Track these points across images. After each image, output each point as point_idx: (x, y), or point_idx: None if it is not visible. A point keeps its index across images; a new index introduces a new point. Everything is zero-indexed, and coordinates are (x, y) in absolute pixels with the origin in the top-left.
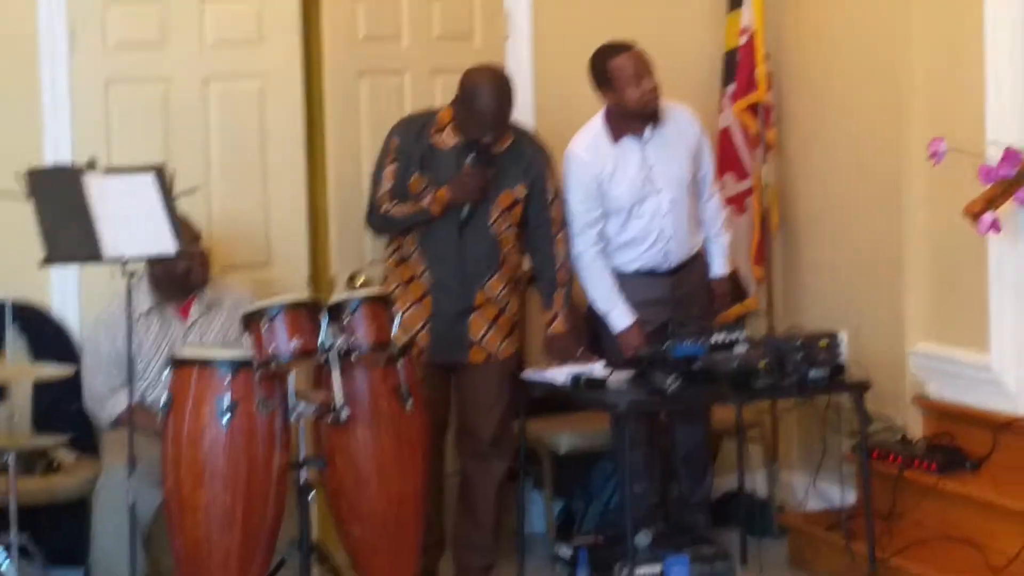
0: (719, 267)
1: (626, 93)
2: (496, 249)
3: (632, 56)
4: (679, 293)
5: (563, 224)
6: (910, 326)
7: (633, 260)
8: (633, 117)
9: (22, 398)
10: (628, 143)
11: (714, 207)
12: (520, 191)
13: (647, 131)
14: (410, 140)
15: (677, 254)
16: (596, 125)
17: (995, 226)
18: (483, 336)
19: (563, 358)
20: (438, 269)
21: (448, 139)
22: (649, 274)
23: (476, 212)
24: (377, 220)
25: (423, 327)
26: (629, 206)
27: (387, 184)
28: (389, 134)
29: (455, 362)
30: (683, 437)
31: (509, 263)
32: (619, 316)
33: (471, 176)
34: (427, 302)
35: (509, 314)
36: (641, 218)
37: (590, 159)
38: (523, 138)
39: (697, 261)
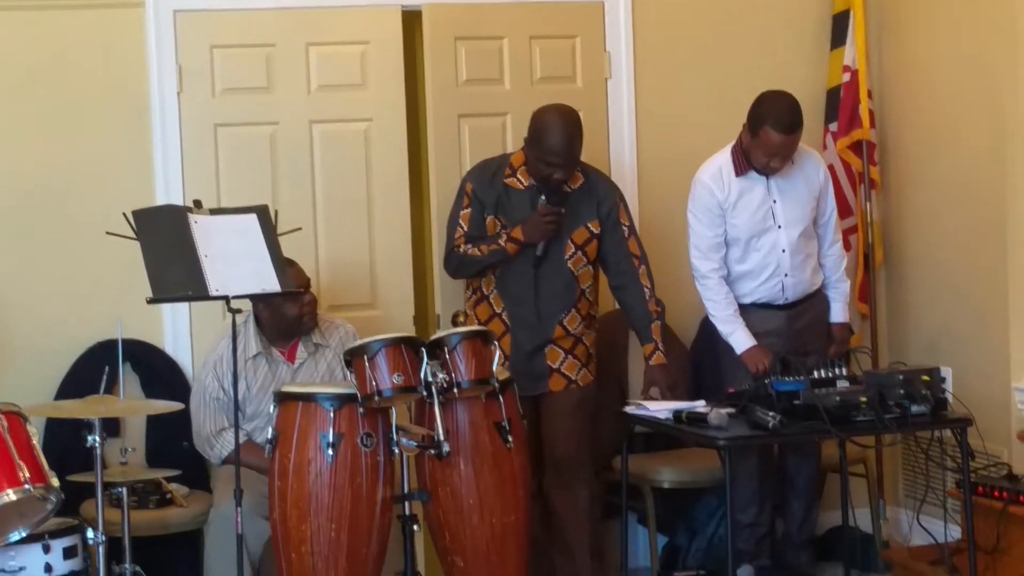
0: (839, 314)
1: (755, 154)
2: (572, 286)
3: (789, 140)
4: (796, 327)
5: (643, 258)
6: (1016, 362)
7: (750, 292)
8: None
9: (136, 433)
10: (753, 177)
11: (836, 253)
12: (594, 227)
13: None
14: (484, 184)
15: (794, 290)
16: (724, 156)
17: None
18: (560, 364)
19: (665, 389)
20: (516, 307)
21: (521, 180)
22: (765, 307)
23: (551, 250)
24: (454, 263)
25: (503, 365)
26: (747, 238)
27: (462, 228)
28: (463, 180)
29: (537, 394)
30: (795, 469)
31: (586, 300)
32: (741, 338)
33: (544, 215)
34: (506, 340)
35: (585, 346)
36: (759, 251)
37: (715, 186)
38: (593, 176)
39: (815, 299)
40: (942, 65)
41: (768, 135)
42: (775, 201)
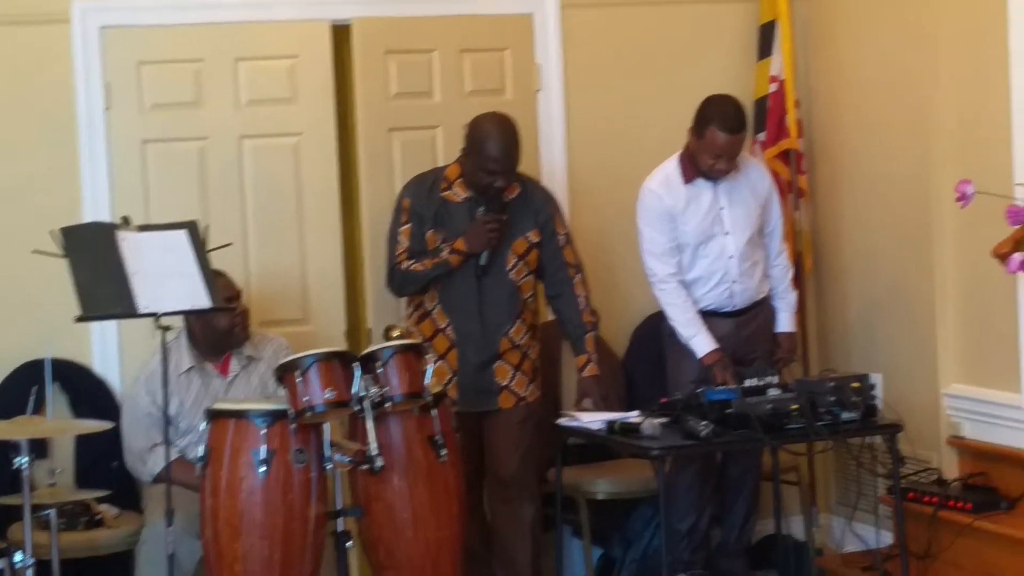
0: (786, 324)
1: (701, 157)
2: (516, 296)
3: (734, 140)
4: (744, 334)
5: (579, 266)
6: (943, 367)
7: (699, 299)
8: None
9: (64, 454)
10: (700, 184)
11: (783, 264)
12: (533, 236)
13: None
14: (421, 199)
15: (742, 297)
16: (671, 164)
17: (1023, 267)
18: (510, 381)
19: (599, 400)
20: (460, 321)
21: (459, 193)
22: (713, 314)
23: (493, 261)
24: (397, 279)
25: (450, 380)
26: (695, 244)
27: (403, 244)
28: (400, 195)
29: (485, 410)
30: (738, 477)
31: (529, 310)
32: (702, 341)
33: (484, 224)
34: (452, 355)
35: (531, 360)
36: (707, 257)
37: (664, 193)
38: (530, 185)
39: (762, 306)
40: (867, 74)
41: (714, 135)
42: (722, 207)
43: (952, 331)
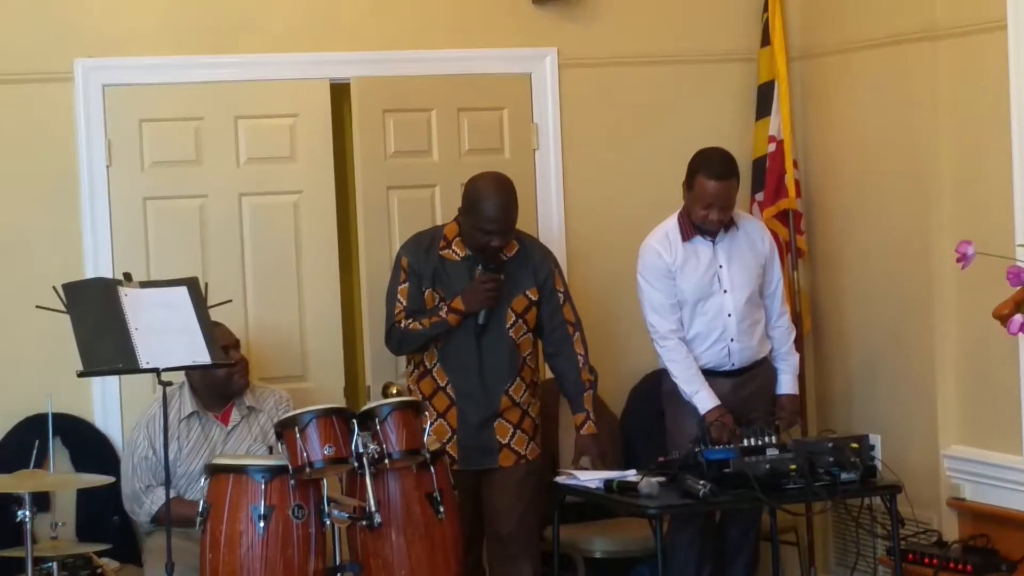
0: (788, 386)
1: (694, 208)
2: (515, 354)
3: (722, 188)
4: (742, 394)
5: (578, 324)
6: (943, 429)
7: (697, 358)
8: None
9: (66, 507)
10: (699, 242)
11: (784, 325)
12: (532, 294)
13: (720, 233)
14: (419, 257)
15: (740, 356)
16: (671, 222)
17: None
18: (510, 439)
19: (596, 458)
20: (460, 379)
21: (457, 252)
22: (711, 373)
23: (492, 319)
24: (396, 338)
25: (450, 438)
26: (694, 301)
27: (401, 303)
28: (398, 254)
29: (485, 468)
30: (737, 537)
31: (528, 367)
32: (704, 398)
33: (483, 283)
34: (452, 413)
35: (532, 418)
36: (705, 315)
37: (663, 249)
38: (528, 243)
39: (762, 367)
40: (866, 134)
41: (702, 184)
42: (721, 266)
43: (952, 392)
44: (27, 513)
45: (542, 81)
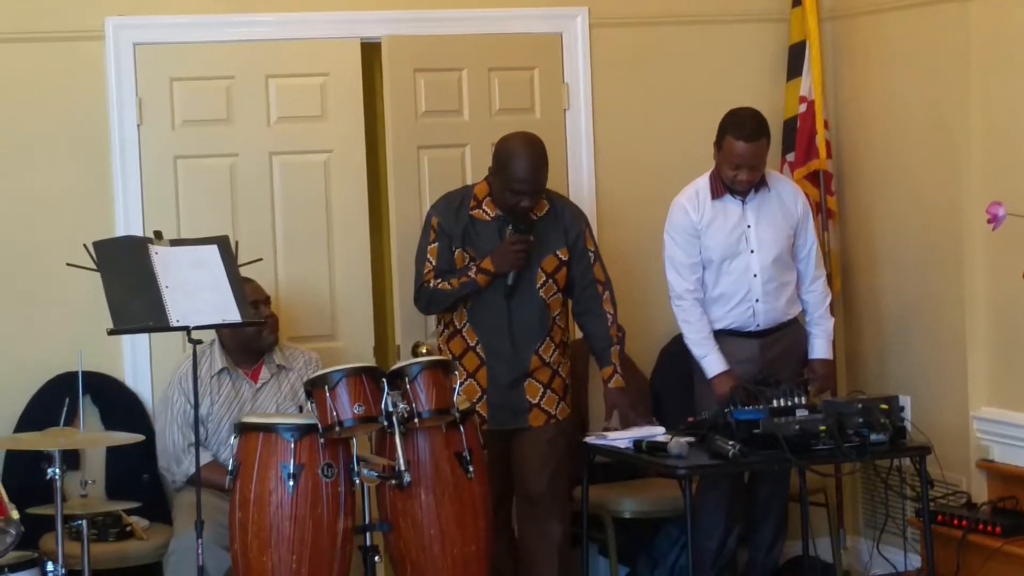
0: (821, 350)
1: (723, 168)
2: (545, 314)
3: (751, 149)
4: (768, 356)
5: (608, 283)
6: (974, 390)
7: (722, 317)
8: None
9: (95, 466)
10: (728, 200)
11: (819, 289)
12: (563, 254)
13: (750, 192)
14: (449, 217)
15: (765, 317)
16: (703, 180)
17: None
18: (540, 399)
19: (628, 410)
20: (490, 339)
21: (487, 212)
22: (736, 333)
23: (522, 279)
24: (424, 298)
25: (480, 398)
26: (720, 260)
27: (431, 263)
28: (428, 214)
29: (515, 428)
30: (767, 497)
31: (558, 327)
32: (713, 362)
33: (512, 244)
34: (482, 373)
35: (562, 378)
36: (731, 275)
37: (691, 207)
38: (559, 202)
39: (789, 329)
40: (897, 95)
41: (731, 144)
42: (749, 225)
43: (982, 354)
44: (57, 471)
45: (573, 41)
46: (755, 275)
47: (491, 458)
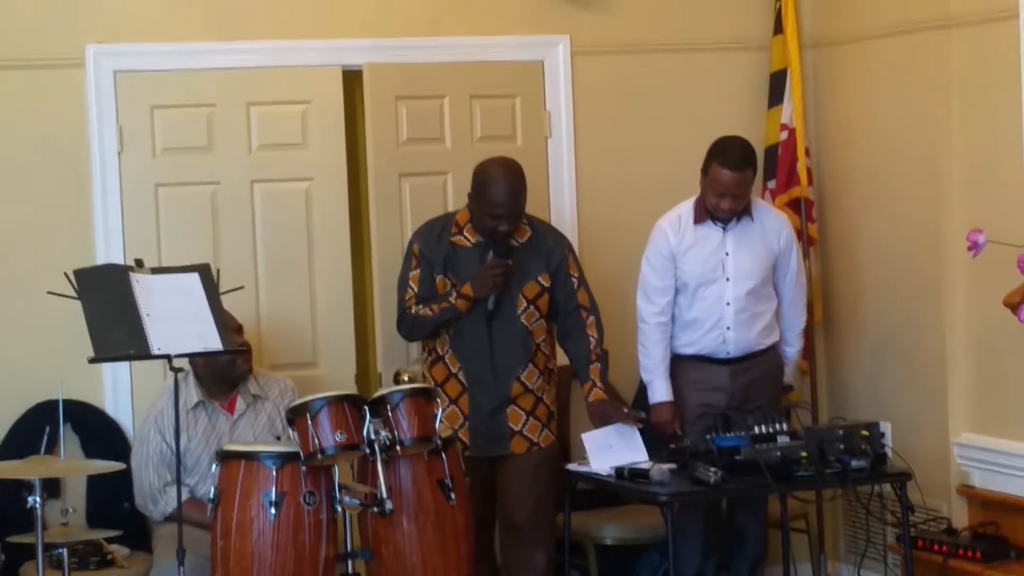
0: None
1: (707, 195)
2: (527, 341)
3: (736, 178)
4: (740, 382)
5: (592, 308)
6: (954, 417)
7: (693, 342)
8: None
9: (76, 494)
10: (710, 226)
11: (796, 316)
12: (544, 280)
13: (732, 221)
14: (431, 244)
15: (736, 346)
16: (687, 204)
17: None
18: (523, 426)
19: (607, 415)
20: (472, 365)
21: (468, 238)
22: (708, 359)
23: (502, 304)
24: (407, 325)
25: (462, 425)
26: (695, 285)
27: (413, 289)
28: (410, 241)
29: (497, 455)
30: (745, 525)
31: (542, 354)
32: (659, 389)
33: (491, 269)
34: (464, 400)
35: (546, 405)
36: (704, 300)
37: (671, 231)
38: (541, 229)
39: (763, 357)
40: (878, 123)
41: (716, 172)
42: (727, 253)
43: (963, 380)
44: (38, 499)
45: (555, 69)
46: (728, 303)
47: (474, 483)
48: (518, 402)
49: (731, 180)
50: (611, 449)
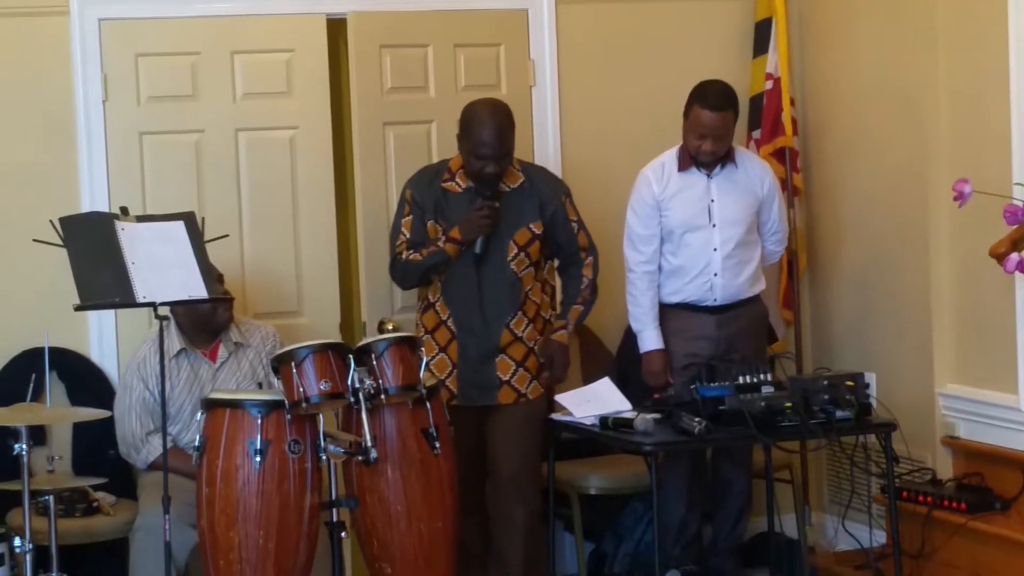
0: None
1: (688, 138)
2: (517, 288)
3: (716, 119)
4: (726, 332)
5: (591, 250)
6: (939, 367)
7: (680, 290)
8: None
9: (62, 442)
10: (694, 173)
11: (775, 258)
12: (536, 228)
13: (716, 167)
14: (423, 189)
15: (723, 292)
16: (671, 152)
17: (1021, 267)
18: (511, 376)
19: (557, 367)
20: (461, 312)
21: (459, 183)
22: (693, 308)
23: (492, 251)
24: (398, 271)
25: (450, 373)
26: (681, 232)
27: (405, 235)
28: (404, 187)
29: (485, 405)
30: (730, 475)
31: (532, 302)
32: (649, 338)
33: (478, 211)
34: (453, 348)
35: (536, 356)
36: (690, 247)
37: (654, 179)
38: (536, 175)
39: (748, 306)
40: (863, 73)
41: (697, 113)
42: (713, 200)
43: (948, 331)
44: (23, 447)
45: (539, 17)
46: (715, 249)
47: (465, 437)
48: (508, 351)
49: (712, 121)
50: (589, 404)
